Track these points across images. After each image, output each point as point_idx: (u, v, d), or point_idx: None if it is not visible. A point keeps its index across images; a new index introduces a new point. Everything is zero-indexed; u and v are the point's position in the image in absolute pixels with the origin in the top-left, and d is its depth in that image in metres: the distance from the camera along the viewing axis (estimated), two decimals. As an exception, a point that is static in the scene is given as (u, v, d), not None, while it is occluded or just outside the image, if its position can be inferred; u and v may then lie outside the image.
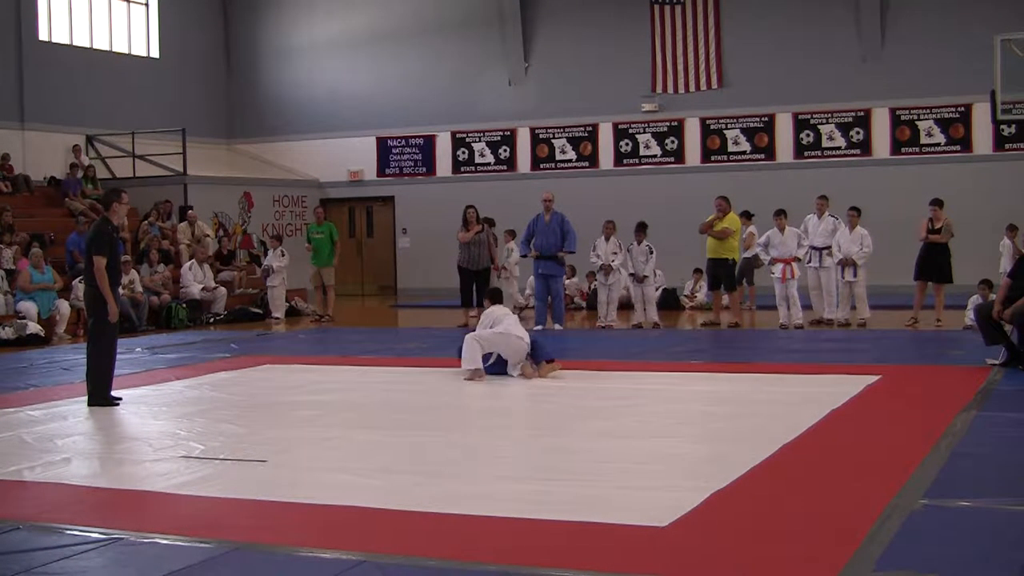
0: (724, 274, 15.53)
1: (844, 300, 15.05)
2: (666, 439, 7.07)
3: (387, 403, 9.10)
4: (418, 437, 7.42)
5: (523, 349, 10.08)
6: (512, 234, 17.75)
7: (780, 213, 15.03)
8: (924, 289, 14.84)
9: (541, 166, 22.90)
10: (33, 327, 15.06)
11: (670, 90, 21.80)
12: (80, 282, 16.25)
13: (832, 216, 15.36)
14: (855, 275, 14.86)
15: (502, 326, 10.22)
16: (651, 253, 15.57)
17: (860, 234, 14.86)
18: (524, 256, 15.64)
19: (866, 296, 14.98)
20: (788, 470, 6.17)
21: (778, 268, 14.79)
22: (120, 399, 9.09)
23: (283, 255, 18.70)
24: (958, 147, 20.24)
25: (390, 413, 8.54)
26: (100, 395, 8.99)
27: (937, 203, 14.90)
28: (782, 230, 14.89)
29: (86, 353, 9.21)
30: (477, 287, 16.11)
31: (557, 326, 15.09)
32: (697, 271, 18.91)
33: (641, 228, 15.68)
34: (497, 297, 11.06)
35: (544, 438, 7.23)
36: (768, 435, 6.99)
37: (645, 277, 15.56)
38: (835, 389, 8.87)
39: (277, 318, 18.32)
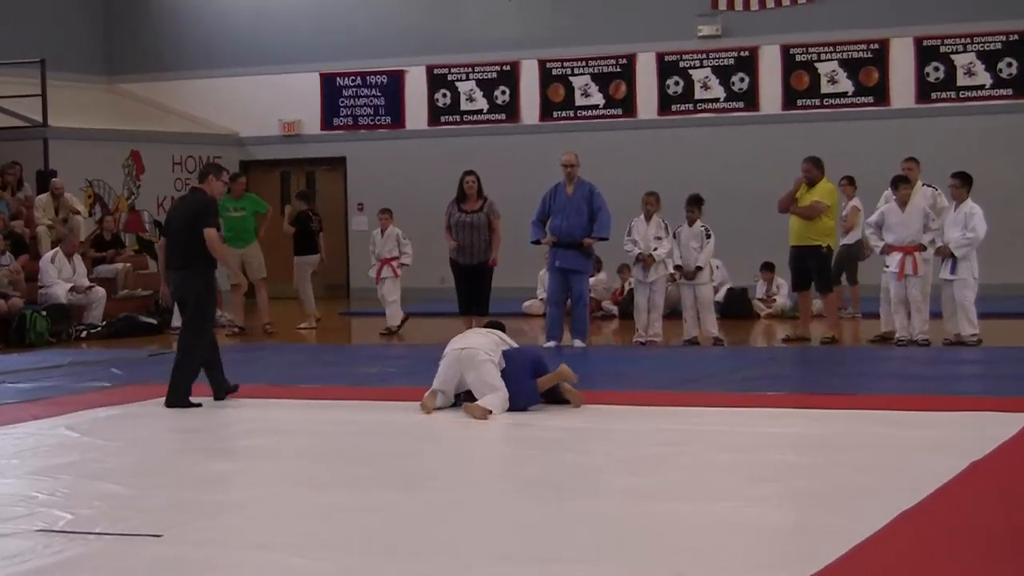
0: (815, 267, 15.52)
1: (949, 307, 14.79)
2: (730, 502, 7.08)
3: (338, 451, 9.11)
4: (382, 499, 7.43)
5: (477, 358, 10.18)
6: (387, 214, 17.89)
7: (900, 181, 14.99)
8: None
9: (555, 115, 22.94)
10: None
11: (738, 6, 21.82)
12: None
13: (929, 186, 15.22)
14: (953, 271, 14.54)
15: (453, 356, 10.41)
16: (708, 238, 15.58)
17: (965, 213, 14.62)
18: (536, 242, 15.57)
19: (970, 303, 14.52)
20: (907, 549, 6.17)
21: (895, 260, 14.77)
22: (200, 404, 10.79)
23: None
24: None
25: (342, 465, 8.56)
26: (182, 396, 10.73)
27: None
28: (903, 205, 14.83)
29: (181, 347, 11.05)
30: (475, 288, 15.62)
31: (578, 343, 15.08)
32: (767, 267, 18.88)
33: (695, 203, 15.69)
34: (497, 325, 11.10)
35: (561, 501, 7.24)
36: (879, 498, 7.00)
37: (699, 270, 15.55)
38: (975, 433, 8.88)
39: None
